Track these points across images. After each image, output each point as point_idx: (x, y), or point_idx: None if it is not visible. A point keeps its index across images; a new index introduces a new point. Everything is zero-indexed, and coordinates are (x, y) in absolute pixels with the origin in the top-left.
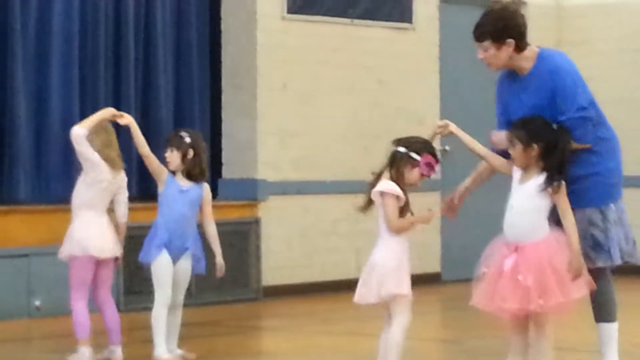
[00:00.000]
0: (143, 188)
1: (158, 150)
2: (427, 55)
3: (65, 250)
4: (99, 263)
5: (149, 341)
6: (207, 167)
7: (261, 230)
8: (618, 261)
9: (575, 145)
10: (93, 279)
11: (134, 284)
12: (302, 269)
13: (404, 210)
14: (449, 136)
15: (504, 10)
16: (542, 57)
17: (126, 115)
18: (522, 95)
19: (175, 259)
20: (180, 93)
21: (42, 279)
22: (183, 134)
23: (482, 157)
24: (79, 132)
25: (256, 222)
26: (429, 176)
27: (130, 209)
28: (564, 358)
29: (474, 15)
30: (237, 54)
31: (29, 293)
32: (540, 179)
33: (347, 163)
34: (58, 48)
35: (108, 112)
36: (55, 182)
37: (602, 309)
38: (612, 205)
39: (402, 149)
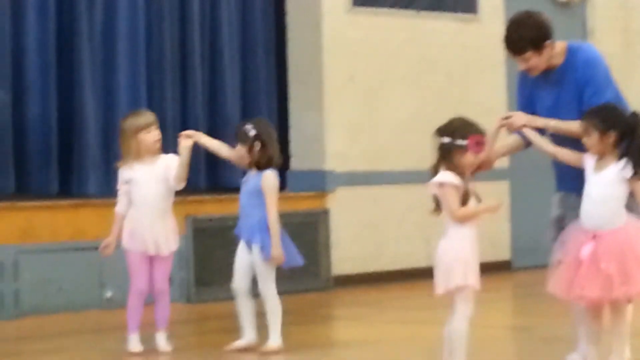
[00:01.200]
0: (212, 180)
1: (227, 144)
2: (493, 46)
3: None
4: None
5: (220, 331)
6: (278, 152)
7: (330, 221)
8: None
9: None
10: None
11: (204, 275)
12: (372, 258)
13: (465, 198)
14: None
15: (530, 17)
16: (572, 51)
17: (190, 133)
18: (552, 89)
19: (249, 249)
20: (247, 89)
21: (113, 271)
22: (247, 127)
23: (551, 155)
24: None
25: (325, 212)
26: (479, 154)
27: (199, 202)
28: None
29: (539, 4)
30: (303, 48)
31: (100, 285)
32: (618, 166)
33: (415, 153)
34: (125, 46)
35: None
36: None
37: None
38: None
39: (447, 140)
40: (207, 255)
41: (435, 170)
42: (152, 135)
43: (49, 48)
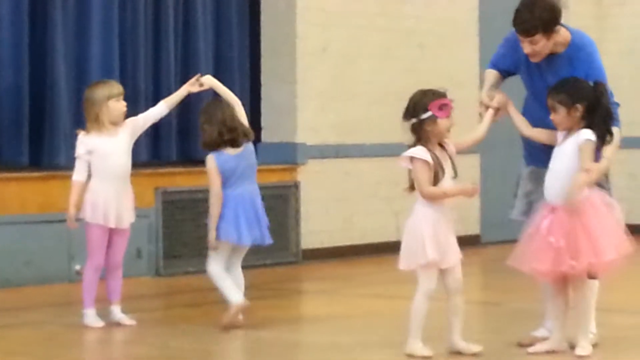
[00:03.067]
0: (183, 153)
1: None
2: (467, 19)
3: None
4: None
5: (188, 305)
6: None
7: (301, 194)
8: None
9: None
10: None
11: (173, 248)
12: (342, 232)
13: (437, 175)
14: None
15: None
16: (575, 38)
17: (206, 78)
18: (548, 74)
19: None
20: (220, 58)
21: (81, 244)
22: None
23: (530, 138)
24: None
25: (295, 185)
26: (449, 115)
27: (169, 174)
28: (612, 319)
29: None
30: (276, 18)
31: (69, 258)
32: (577, 136)
33: (386, 127)
34: (97, 16)
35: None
36: None
37: None
38: None
39: (413, 120)
40: (177, 228)
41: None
42: (122, 105)
43: (21, 18)
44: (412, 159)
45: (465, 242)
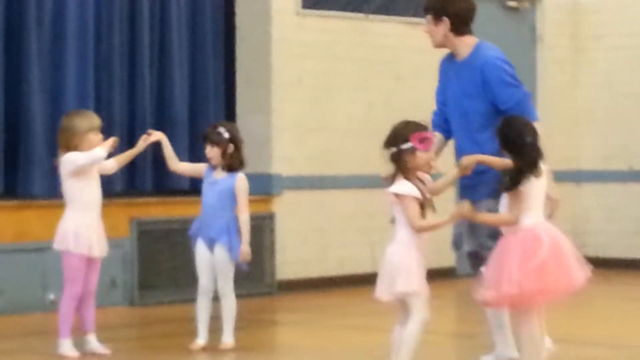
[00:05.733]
0: (157, 183)
1: (174, 144)
2: (442, 50)
3: None
4: None
5: (163, 335)
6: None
7: (276, 225)
8: None
9: None
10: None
11: (148, 278)
12: (317, 263)
13: (423, 208)
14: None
15: None
16: (477, 49)
17: (155, 132)
18: (456, 80)
19: (210, 248)
20: (195, 90)
21: (56, 274)
22: (221, 129)
23: None
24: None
25: (270, 217)
26: (429, 149)
27: (144, 204)
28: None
29: (490, 10)
30: (252, 49)
31: (44, 287)
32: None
33: (362, 158)
34: (73, 46)
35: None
36: None
37: None
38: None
39: (393, 149)
40: (151, 259)
41: (392, 180)
42: (100, 138)
43: None
44: (398, 195)
45: (440, 274)
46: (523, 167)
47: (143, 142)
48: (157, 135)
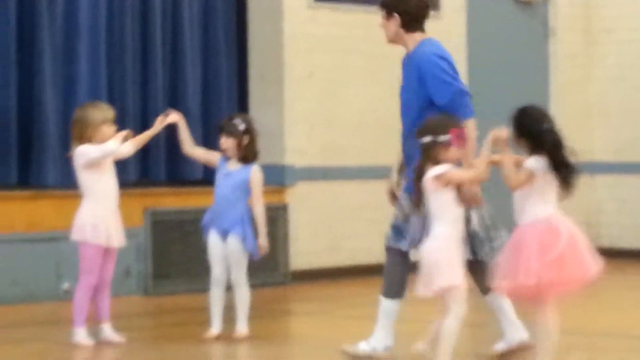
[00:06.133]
0: (171, 173)
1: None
2: (454, 45)
3: None
4: None
5: (176, 324)
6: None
7: (289, 216)
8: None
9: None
10: None
11: (162, 268)
12: (329, 253)
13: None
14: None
15: None
16: (420, 45)
17: (172, 113)
18: (403, 75)
19: (223, 239)
20: (208, 84)
21: (69, 263)
22: (236, 120)
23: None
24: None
25: (284, 207)
26: (462, 146)
27: (158, 194)
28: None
29: (502, 6)
30: (264, 44)
31: (57, 277)
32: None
33: (372, 149)
34: (85, 39)
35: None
36: None
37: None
38: None
39: (428, 139)
40: (165, 248)
41: (421, 171)
42: (113, 130)
43: (10, 39)
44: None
45: None
46: (550, 152)
47: (160, 123)
48: (174, 117)
